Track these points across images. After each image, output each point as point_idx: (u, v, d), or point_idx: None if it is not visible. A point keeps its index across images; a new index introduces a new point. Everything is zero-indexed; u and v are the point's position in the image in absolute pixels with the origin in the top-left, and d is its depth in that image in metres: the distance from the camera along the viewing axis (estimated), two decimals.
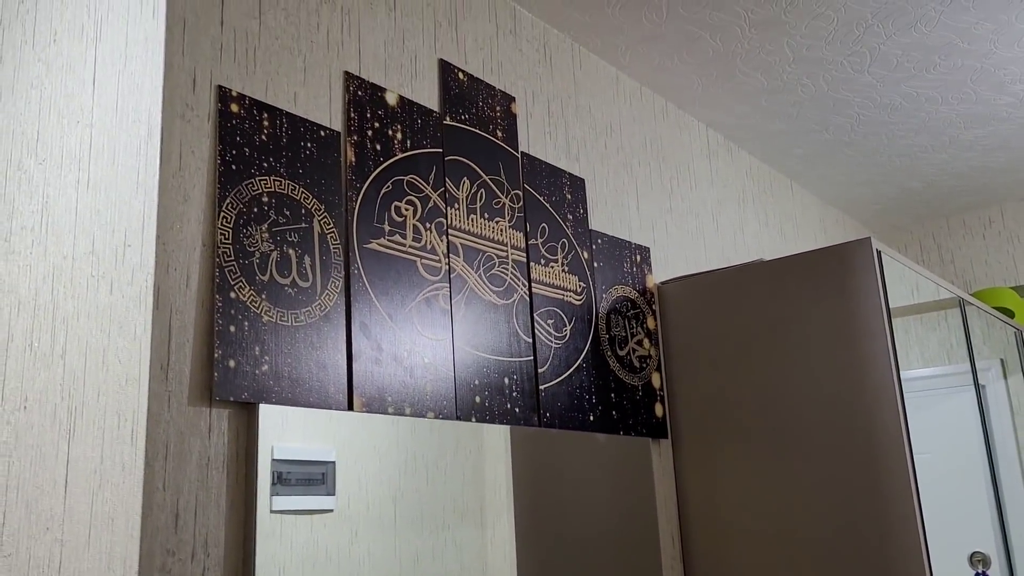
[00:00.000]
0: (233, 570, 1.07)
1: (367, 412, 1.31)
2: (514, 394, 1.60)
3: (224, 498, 1.09)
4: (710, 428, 2.01)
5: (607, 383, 1.87)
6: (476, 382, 1.53)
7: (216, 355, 1.12)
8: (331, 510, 1.27)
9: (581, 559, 1.77)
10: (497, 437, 1.59)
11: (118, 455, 1.05)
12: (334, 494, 1.28)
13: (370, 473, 1.33)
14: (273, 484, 1.18)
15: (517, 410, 1.60)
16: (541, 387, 1.67)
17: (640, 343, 2.01)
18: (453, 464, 1.47)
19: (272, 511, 1.17)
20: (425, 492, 1.41)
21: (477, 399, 1.52)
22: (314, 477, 1.25)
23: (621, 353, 1.94)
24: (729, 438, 1.98)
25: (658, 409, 2.01)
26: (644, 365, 2.00)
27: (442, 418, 1.44)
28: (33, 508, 1.15)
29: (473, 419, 1.51)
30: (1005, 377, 3.20)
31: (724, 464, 1.98)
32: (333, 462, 1.29)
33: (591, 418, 1.80)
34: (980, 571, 3.05)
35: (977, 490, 2.99)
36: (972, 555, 3.06)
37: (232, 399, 1.13)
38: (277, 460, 1.20)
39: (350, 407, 1.28)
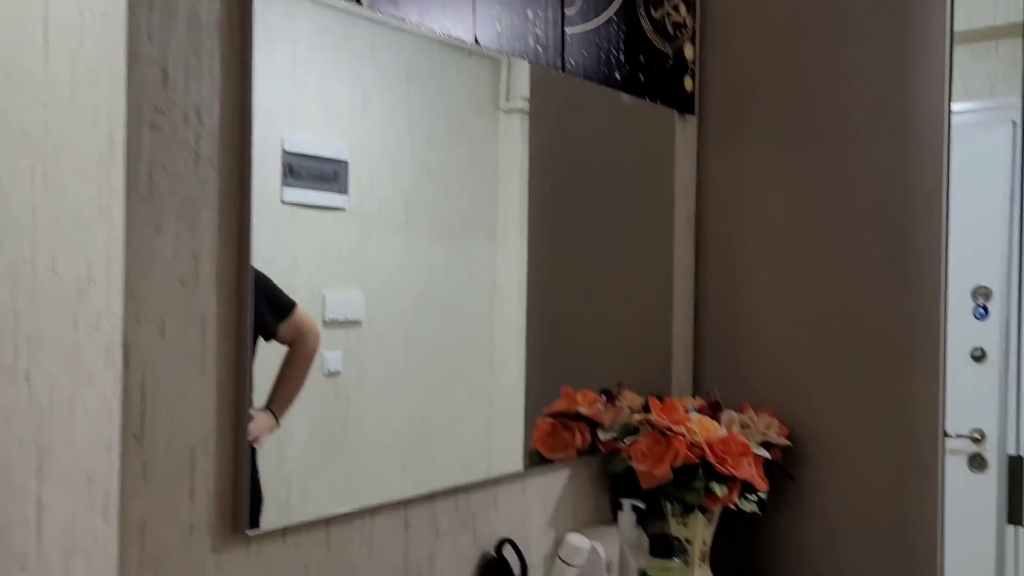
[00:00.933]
0: (229, 144, 1.00)
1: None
2: (537, 31, 1.47)
3: (218, 66, 1.00)
4: (741, 114, 1.89)
5: (637, 44, 1.72)
6: (496, 7, 1.39)
7: None
8: (343, 208, 1.23)
9: (592, 241, 1.72)
10: (515, 147, 1.50)
11: (98, 5, 0.94)
12: (346, 193, 1.24)
13: (384, 178, 1.28)
14: (284, 176, 1.14)
15: (540, 49, 1.48)
16: (567, 29, 1.54)
17: (676, 8, 1.84)
18: (468, 178, 1.41)
19: (283, 201, 1.14)
20: (439, 203, 1.36)
21: (497, 25, 1.39)
22: (326, 174, 1.21)
23: (655, 15, 1.78)
24: (759, 127, 1.87)
25: (687, 83, 1.88)
26: (678, 34, 1.85)
27: (457, 40, 1.32)
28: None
29: (493, 49, 1.38)
30: None
31: (750, 153, 1.88)
32: (346, 162, 1.23)
33: (618, 76, 1.68)
34: (980, 303, 3.08)
35: (995, 227, 2.93)
36: (976, 288, 3.07)
37: None
38: (288, 152, 1.14)
39: None
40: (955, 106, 1.70)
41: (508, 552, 1.44)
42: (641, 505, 1.63)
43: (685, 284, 1.92)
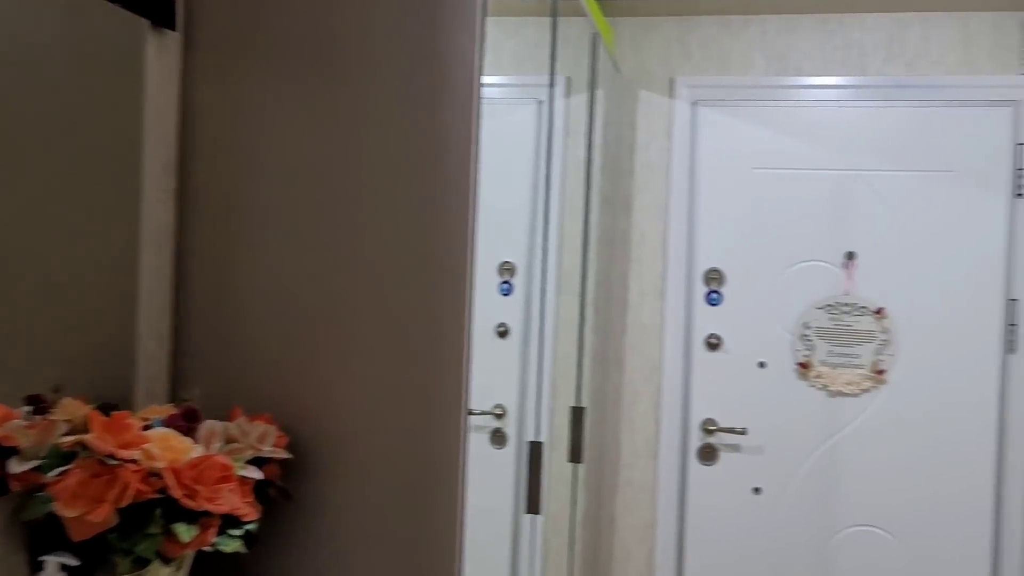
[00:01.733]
0: None
1: None
2: None
3: None
4: (245, 38, 1.48)
5: None
6: None
7: None
8: None
9: (42, 192, 1.19)
10: None
11: None
12: None
13: None
14: None
15: None
16: None
17: None
18: None
19: None
20: None
21: None
22: None
23: None
24: (269, 58, 1.47)
25: None
26: None
27: None
28: None
29: None
30: (568, 96, 3.11)
31: (255, 89, 1.48)
32: None
33: None
34: (505, 280, 3.10)
35: (519, 205, 2.96)
36: (502, 264, 3.09)
37: None
38: None
39: None
40: (484, 79, 1.50)
41: None
42: (73, 562, 1.15)
43: (160, 253, 1.46)
